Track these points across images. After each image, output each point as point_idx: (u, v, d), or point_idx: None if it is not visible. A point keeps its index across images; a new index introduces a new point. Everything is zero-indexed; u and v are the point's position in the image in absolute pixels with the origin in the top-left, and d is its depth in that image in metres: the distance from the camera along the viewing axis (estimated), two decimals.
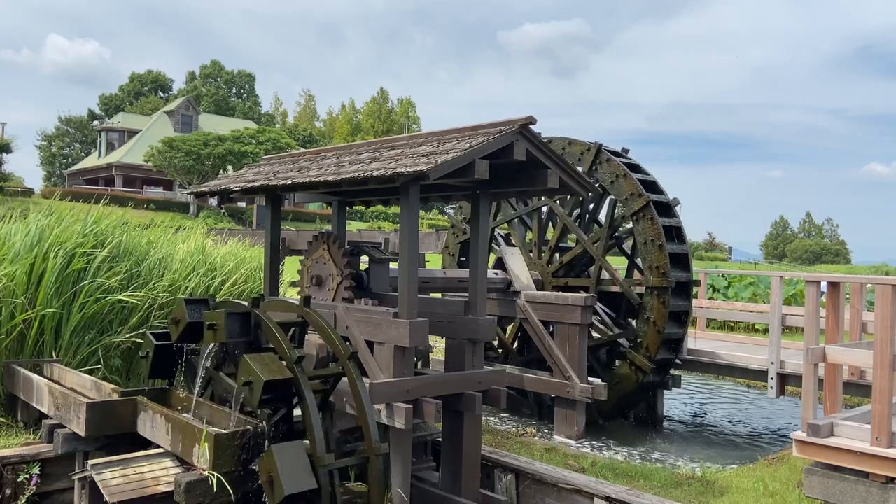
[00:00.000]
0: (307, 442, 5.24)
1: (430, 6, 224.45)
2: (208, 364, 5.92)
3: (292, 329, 6.01)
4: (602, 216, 11.46)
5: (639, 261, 10.52)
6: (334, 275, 7.21)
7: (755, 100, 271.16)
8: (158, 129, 61.09)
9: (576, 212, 11.39)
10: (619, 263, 13.65)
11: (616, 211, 10.62)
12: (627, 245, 11.69)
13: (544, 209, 11.57)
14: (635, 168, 10.68)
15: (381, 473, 5.41)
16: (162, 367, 6.49)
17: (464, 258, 12.62)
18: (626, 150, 11.14)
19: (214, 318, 5.72)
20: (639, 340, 10.04)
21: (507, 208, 12.05)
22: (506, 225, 11.96)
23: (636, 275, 10.99)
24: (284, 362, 5.34)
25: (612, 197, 10.57)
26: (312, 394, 5.32)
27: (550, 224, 11.72)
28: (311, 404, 5.25)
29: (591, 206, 11.39)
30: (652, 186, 10.51)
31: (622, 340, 10.58)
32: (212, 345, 5.84)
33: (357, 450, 5.54)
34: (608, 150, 10.64)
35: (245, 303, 5.98)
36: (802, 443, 6.01)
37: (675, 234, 10.39)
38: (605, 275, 10.62)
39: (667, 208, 10.46)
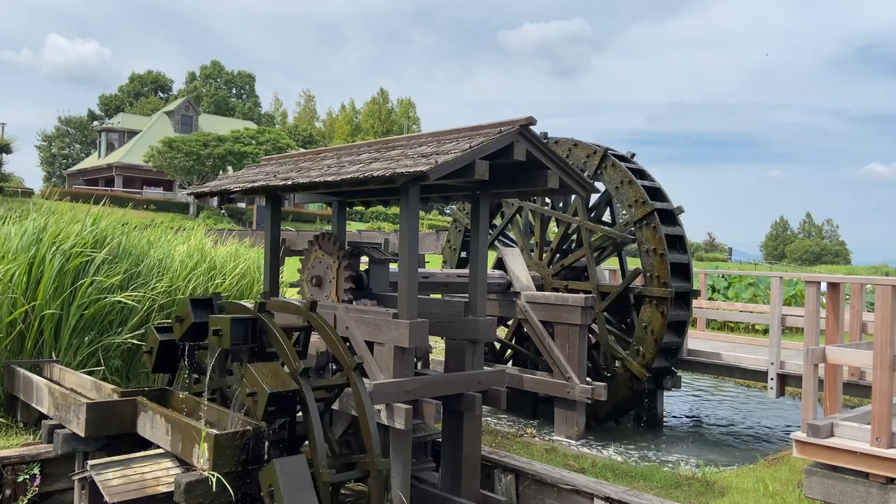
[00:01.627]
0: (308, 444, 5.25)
1: (430, 6, 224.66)
2: (212, 370, 5.91)
3: (297, 334, 6.01)
4: (603, 214, 11.45)
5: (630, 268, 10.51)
6: (334, 275, 7.21)
7: (755, 100, 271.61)
8: (158, 130, 61.07)
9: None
10: (615, 262, 13.65)
11: (619, 216, 10.56)
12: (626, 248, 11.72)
13: (520, 217, 11.59)
14: (641, 174, 10.63)
15: (382, 488, 5.41)
16: (165, 363, 6.52)
17: (465, 253, 12.64)
18: (633, 155, 11.09)
19: (220, 324, 5.68)
20: (636, 348, 10.06)
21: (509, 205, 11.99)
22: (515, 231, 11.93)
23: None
24: (288, 370, 5.33)
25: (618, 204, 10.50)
26: (316, 406, 5.29)
27: (531, 229, 11.73)
28: (315, 417, 5.22)
29: (596, 207, 11.33)
30: (657, 194, 10.46)
31: (618, 347, 10.58)
32: (217, 350, 5.84)
33: (359, 463, 5.51)
34: (614, 155, 10.57)
35: (250, 304, 5.96)
36: (802, 443, 6.01)
37: (678, 243, 10.35)
38: (604, 279, 10.63)
39: (670, 216, 10.41)
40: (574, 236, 11.37)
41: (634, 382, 10.02)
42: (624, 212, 10.47)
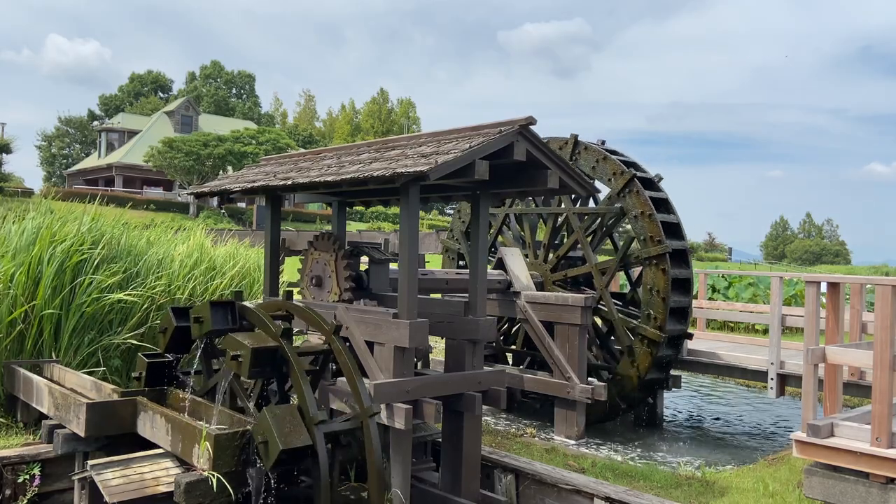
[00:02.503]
0: None
1: (430, 6, 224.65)
2: (227, 382, 5.97)
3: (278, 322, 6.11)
4: (616, 228, 11.44)
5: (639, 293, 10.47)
6: (334, 275, 7.21)
7: (755, 100, 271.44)
8: (158, 130, 61.09)
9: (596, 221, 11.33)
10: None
11: (631, 246, 10.51)
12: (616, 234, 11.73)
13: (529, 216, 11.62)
14: (613, 152, 10.79)
15: (377, 437, 5.43)
16: (177, 346, 6.68)
17: (462, 263, 12.63)
18: (603, 142, 11.18)
19: (199, 312, 5.87)
20: (647, 313, 10.02)
21: (528, 203, 11.99)
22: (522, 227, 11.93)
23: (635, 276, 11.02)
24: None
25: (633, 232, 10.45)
26: (300, 361, 5.39)
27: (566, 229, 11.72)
28: (300, 369, 5.32)
29: (612, 220, 11.15)
30: (633, 165, 10.58)
31: (629, 319, 10.49)
32: (230, 374, 5.90)
33: (351, 417, 5.59)
34: (640, 180, 10.45)
35: (268, 317, 6.08)
36: (802, 443, 6.01)
37: (664, 205, 10.44)
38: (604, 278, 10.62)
39: (651, 183, 10.54)
40: (564, 231, 11.43)
41: (653, 348, 9.95)
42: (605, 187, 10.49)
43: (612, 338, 11.00)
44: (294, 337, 6.15)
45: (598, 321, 11.11)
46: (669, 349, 10.25)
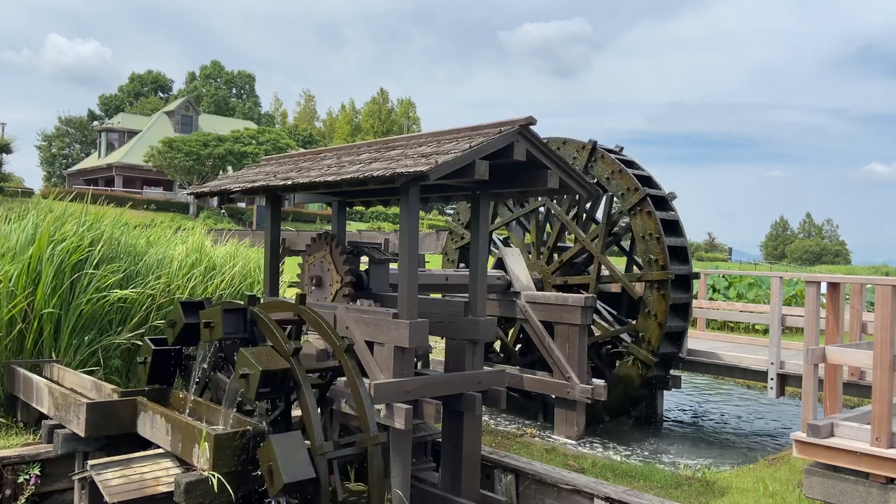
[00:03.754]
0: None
1: (430, 6, 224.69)
2: (205, 365, 5.94)
3: (289, 327, 6.06)
4: (599, 215, 11.46)
5: (639, 259, 10.53)
6: (334, 275, 7.21)
7: (755, 100, 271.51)
8: (158, 130, 61.09)
9: (573, 211, 11.40)
10: (618, 262, 13.64)
11: (613, 207, 10.62)
12: (626, 243, 11.72)
13: (542, 210, 11.57)
14: (630, 164, 10.69)
15: (381, 463, 5.44)
16: (160, 372, 6.55)
17: (463, 264, 12.60)
18: (621, 148, 11.14)
19: (211, 316, 5.75)
20: (641, 335, 10.03)
21: (504, 211, 12.03)
22: (503, 228, 11.96)
23: (636, 271, 11.01)
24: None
25: (610, 193, 10.55)
26: (310, 385, 5.37)
27: (548, 224, 11.73)
28: (309, 394, 5.30)
29: (588, 205, 11.39)
30: (648, 181, 10.52)
31: (624, 336, 10.55)
32: (209, 344, 5.88)
33: (355, 441, 5.56)
34: (603, 148, 10.64)
35: (241, 303, 6.03)
36: (802, 443, 6.01)
37: (673, 227, 10.40)
38: (605, 272, 10.62)
39: (663, 202, 10.48)
40: (586, 253, 11.35)
41: (643, 370, 9.99)
42: (617, 200, 10.48)
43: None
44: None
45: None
46: (680, 291, 10.19)
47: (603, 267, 10.58)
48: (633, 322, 10.49)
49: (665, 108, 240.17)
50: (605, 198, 10.95)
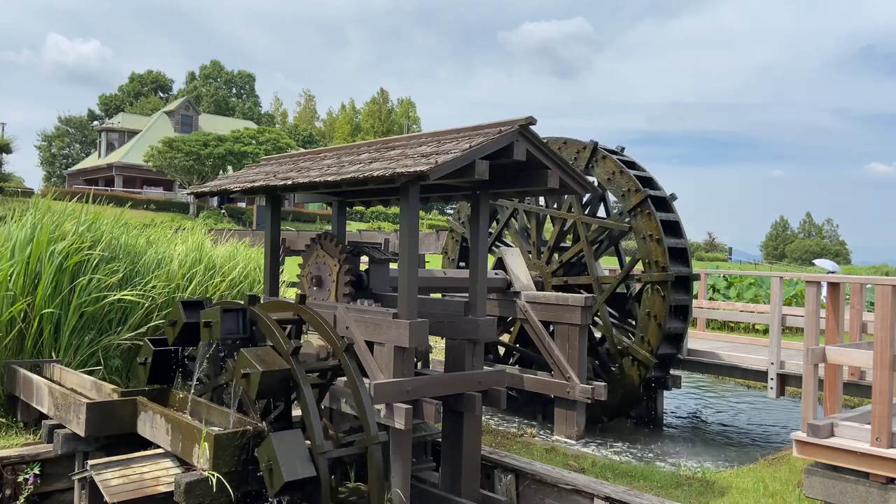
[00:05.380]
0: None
1: (431, 6, 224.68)
2: (205, 365, 5.95)
3: (289, 327, 6.06)
4: (597, 211, 11.47)
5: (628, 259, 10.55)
6: (334, 275, 7.21)
7: (756, 100, 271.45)
8: (158, 130, 61.08)
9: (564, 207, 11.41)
10: (611, 262, 13.67)
11: (613, 210, 10.64)
12: (623, 245, 11.72)
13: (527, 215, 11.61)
14: (631, 165, 10.68)
15: (381, 463, 5.43)
16: (160, 373, 6.53)
17: (463, 264, 12.61)
18: (622, 149, 11.13)
19: (210, 316, 5.76)
20: (641, 336, 10.04)
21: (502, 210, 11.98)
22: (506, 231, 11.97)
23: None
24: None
25: (613, 200, 10.56)
26: (310, 385, 5.37)
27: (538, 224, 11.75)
28: (308, 394, 5.30)
29: (618, 234, 11.31)
30: (648, 182, 10.51)
31: (624, 337, 10.56)
32: (208, 344, 5.88)
33: (356, 441, 5.56)
34: (604, 149, 10.64)
35: (241, 302, 6.02)
36: (802, 443, 6.01)
37: (674, 228, 10.40)
38: (604, 273, 10.64)
39: (664, 203, 10.47)
40: (570, 234, 11.40)
41: (642, 370, 10.01)
42: (617, 201, 10.47)
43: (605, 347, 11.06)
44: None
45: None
46: (680, 292, 10.21)
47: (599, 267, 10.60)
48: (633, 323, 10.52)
49: (666, 108, 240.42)
50: (608, 197, 10.97)
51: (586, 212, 11.16)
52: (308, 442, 5.20)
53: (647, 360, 9.90)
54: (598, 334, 11.12)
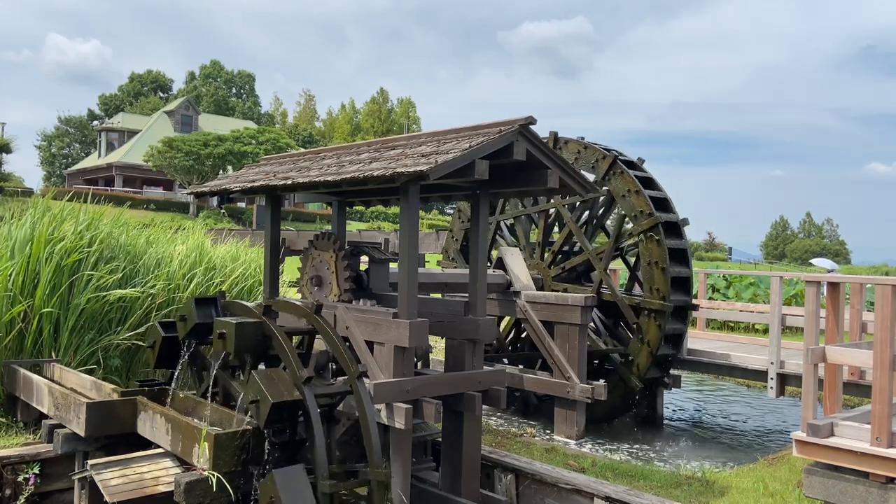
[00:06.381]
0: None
1: (431, 6, 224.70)
2: (216, 373, 5.94)
3: (302, 337, 6.05)
4: (607, 218, 11.50)
5: (640, 275, 10.52)
6: (334, 275, 7.21)
7: (756, 100, 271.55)
8: (158, 130, 61.07)
9: (578, 213, 11.40)
10: (617, 266, 13.67)
11: (624, 226, 10.63)
12: (630, 257, 11.71)
13: (552, 210, 11.56)
14: (648, 183, 10.54)
15: (368, 397, 5.42)
16: (167, 359, 6.57)
17: (466, 242, 12.64)
18: (642, 161, 10.97)
19: (225, 328, 5.69)
20: (630, 359, 10.08)
21: (516, 204, 11.98)
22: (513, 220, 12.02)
23: (636, 289, 11.03)
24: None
25: (623, 212, 10.53)
26: (319, 416, 5.29)
27: (556, 225, 11.75)
28: (318, 428, 5.22)
29: (601, 210, 11.36)
30: (663, 204, 10.42)
31: (614, 356, 10.61)
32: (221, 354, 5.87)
33: (360, 472, 5.49)
34: (623, 162, 10.45)
35: (250, 304, 5.99)
36: (802, 443, 6.01)
37: (680, 256, 10.31)
38: (605, 288, 10.64)
39: (675, 228, 10.36)
40: (556, 227, 11.43)
41: (661, 320, 9.96)
42: (628, 221, 10.48)
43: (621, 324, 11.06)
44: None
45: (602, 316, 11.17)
46: (676, 321, 10.18)
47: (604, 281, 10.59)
48: (628, 334, 10.55)
49: (666, 108, 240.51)
50: (617, 210, 10.99)
51: (599, 212, 11.23)
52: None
53: (661, 306, 9.83)
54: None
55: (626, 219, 10.51)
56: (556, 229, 12.06)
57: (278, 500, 4.82)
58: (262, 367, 5.84)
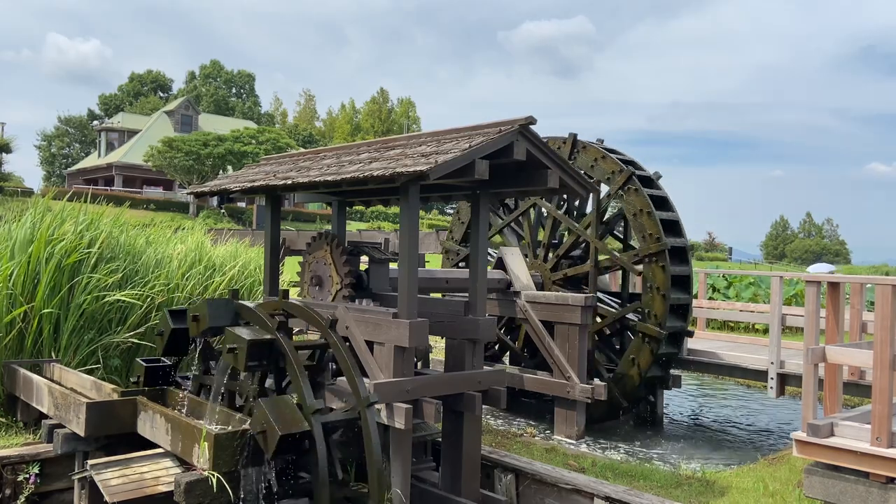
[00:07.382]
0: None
1: (431, 6, 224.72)
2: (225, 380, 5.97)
3: (314, 351, 6.11)
4: (588, 208, 11.49)
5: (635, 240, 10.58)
6: (334, 275, 7.21)
7: (756, 100, 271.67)
8: (158, 129, 61.09)
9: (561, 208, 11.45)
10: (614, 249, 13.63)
11: (601, 194, 10.63)
12: (619, 231, 11.74)
13: (532, 211, 11.58)
14: (662, 203, 10.61)
15: (375, 427, 5.41)
16: (174, 349, 6.68)
17: (463, 264, 12.60)
18: (659, 176, 10.99)
19: (237, 343, 5.61)
20: (646, 311, 10.05)
21: (494, 219, 11.93)
22: (498, 237, 12.00)
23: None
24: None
25: (599, 188, 10.54)
26: (296, 354, 5.42)
27: (541, 224, 11.75)
28: (296, 361, 5.36)
29: (577, 202, 11.48)
30: (673, 228, 10.45)
31: (630, 316, 10.53)
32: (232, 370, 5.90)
33: (348, 407, 5.56)
34: (639, 178, 10.47)
35: (265, 315, 6.01)
36: (802, 443, 6.01)
37: (663, 203, 10.47)
38: (602, 258, 10.64)
39: (649, 181, 10.56)
40: (583, 244, 11.34)
41: (653, 345, 10.01)
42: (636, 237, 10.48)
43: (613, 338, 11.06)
44: (294, 337, 6.16)
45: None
46: (670, 346, 10.27)
47: (600, 253, 10.60)
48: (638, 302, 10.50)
49: (666, 108, 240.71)
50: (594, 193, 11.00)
51: (576, 203, 11.27)
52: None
53: (656, 333, 9.84)
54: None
55: (601, 184, 10.50)
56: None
57: (269, 422, 4.95)
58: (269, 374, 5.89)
